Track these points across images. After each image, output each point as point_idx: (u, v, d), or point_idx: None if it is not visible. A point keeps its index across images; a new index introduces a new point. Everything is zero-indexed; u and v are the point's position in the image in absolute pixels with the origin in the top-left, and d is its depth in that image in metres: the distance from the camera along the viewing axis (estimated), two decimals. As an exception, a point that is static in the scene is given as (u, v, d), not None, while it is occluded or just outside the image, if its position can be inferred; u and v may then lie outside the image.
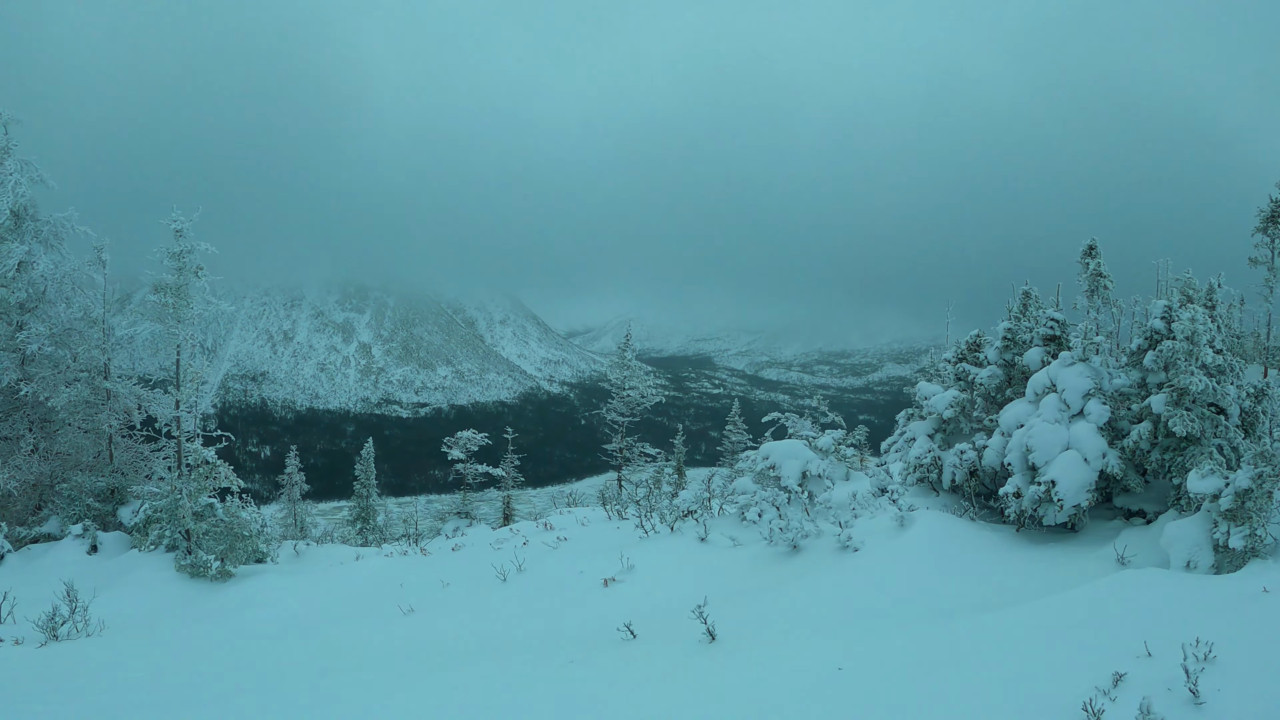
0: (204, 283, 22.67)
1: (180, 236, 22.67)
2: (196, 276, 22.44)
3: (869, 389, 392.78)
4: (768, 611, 11.57)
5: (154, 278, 22.47)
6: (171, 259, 22.52)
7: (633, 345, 37.32)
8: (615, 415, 36.93)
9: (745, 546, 16.12)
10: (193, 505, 17.94)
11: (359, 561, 19.68)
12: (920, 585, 12.23)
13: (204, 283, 22.67)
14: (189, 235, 22.83)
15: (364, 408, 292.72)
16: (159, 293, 22.34)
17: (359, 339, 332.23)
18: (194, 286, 22.71)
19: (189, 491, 17.82)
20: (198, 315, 22.49)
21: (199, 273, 22.50)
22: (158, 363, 25.75)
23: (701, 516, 18.63)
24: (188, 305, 22.23)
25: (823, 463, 19.07)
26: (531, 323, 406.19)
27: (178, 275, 22.49)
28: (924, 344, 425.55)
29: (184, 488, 17.72)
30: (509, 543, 18.74)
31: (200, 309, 22.68)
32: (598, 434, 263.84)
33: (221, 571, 17.62)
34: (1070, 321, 18.82)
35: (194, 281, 22.48)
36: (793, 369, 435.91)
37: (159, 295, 22.25)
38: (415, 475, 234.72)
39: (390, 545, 26.61)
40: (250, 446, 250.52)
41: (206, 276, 22.67)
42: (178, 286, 22.50)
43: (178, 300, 22.23)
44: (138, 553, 19.09)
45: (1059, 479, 15.27)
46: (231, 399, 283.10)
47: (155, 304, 22.17)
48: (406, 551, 19.83)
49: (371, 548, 24.34)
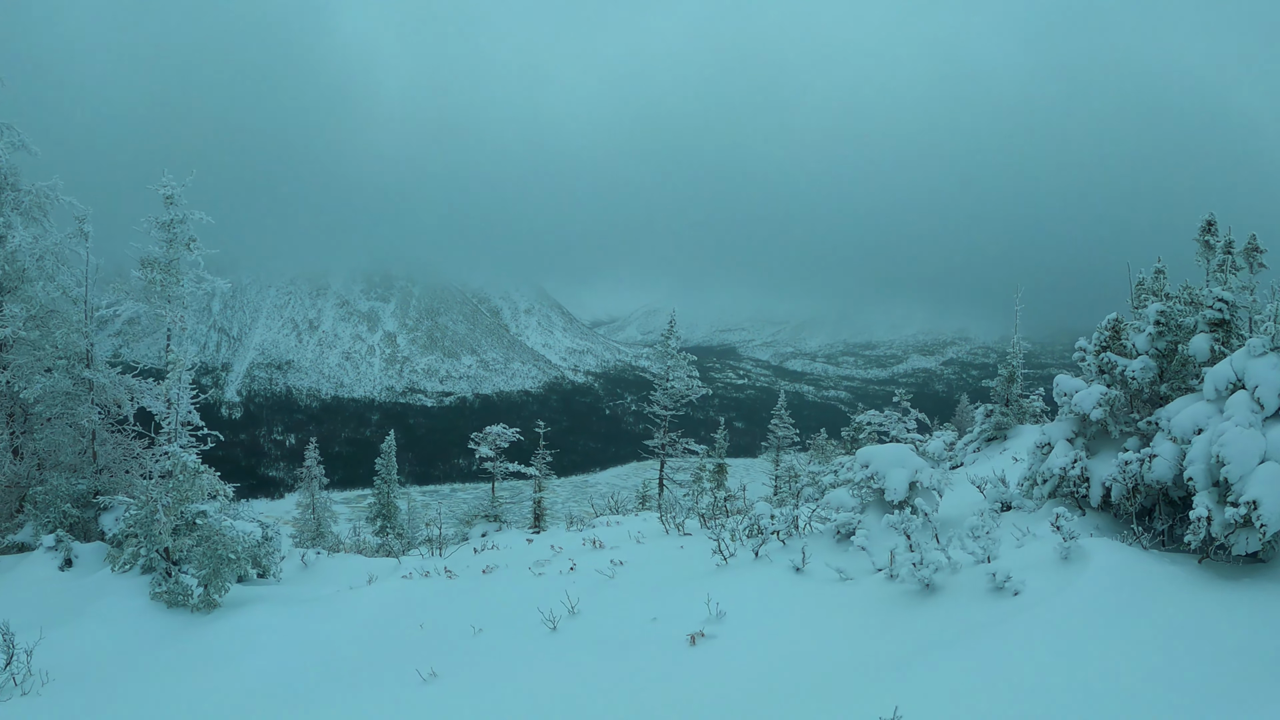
0: (197, 256, 19.61)
1: (171, 204, 19.61)
2: (189, 249, 19.39)
3: (894, 381, 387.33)
4: (938, 700, 8.27)
5: (141, 251, 19.44)
6: (160, 229, 19.49)
7: (676, 334, 33.98)
8: (658, 409, 33.69)
9: (856, 581, 12.79)
10: (171, 519, 14.86)
11: (372, 585, 16.54)
12: (1134, 655, 8.90)
13: (197, 256, 19.61)
14: (181, 202, 19.77)
15: (389, 396, 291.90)
16: (145, 268, 19.31)
17: (384, 328, 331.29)
18: (186, 261, 19.67)
19: (165, 504, 14.74)
20: (189, 294, 19.43)
21: (191, 245, 19.43)
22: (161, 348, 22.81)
23: (786, 534, 15.34)
24: (178, 282, 19.20)
25: (934, 472, 15.70)
26: (556, 312, 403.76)
27: (167, 248, 19.46)
28: (949, 336, 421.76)
29: (159, 499, 14.65)
30: (551, 565, 15.53)
31: (192, 287, 19.61)
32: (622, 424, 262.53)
33: (205, 600, 14.54)
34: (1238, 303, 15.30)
35: (185, 255, 19.43)
36: (817, 360, 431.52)
37: (145, 271, 19.22)
38: (440, 464, 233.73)
39: (411, 556, 23.52)
40: (275, 434, 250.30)
41: (200, 249, 19.59)
42: (167, 261, 19.47)
43: (166, 277, 19.20)
44: (110, 573, 16.08)
45: (1261, 499, 11.84)
46: (256, 387, 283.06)
47: (141, 281, 19.13)
48: (428, 572, 16.68)
49: (389, 560, 21.21)
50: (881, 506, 15.82)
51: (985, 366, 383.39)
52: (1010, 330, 33.78)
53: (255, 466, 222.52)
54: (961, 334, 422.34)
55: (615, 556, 15.41)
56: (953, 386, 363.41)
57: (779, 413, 44.12)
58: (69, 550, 18.54)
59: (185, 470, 14.69)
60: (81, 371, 20.32)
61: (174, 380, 16.16)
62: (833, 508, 15.56)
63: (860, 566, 13.57)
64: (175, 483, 14.76)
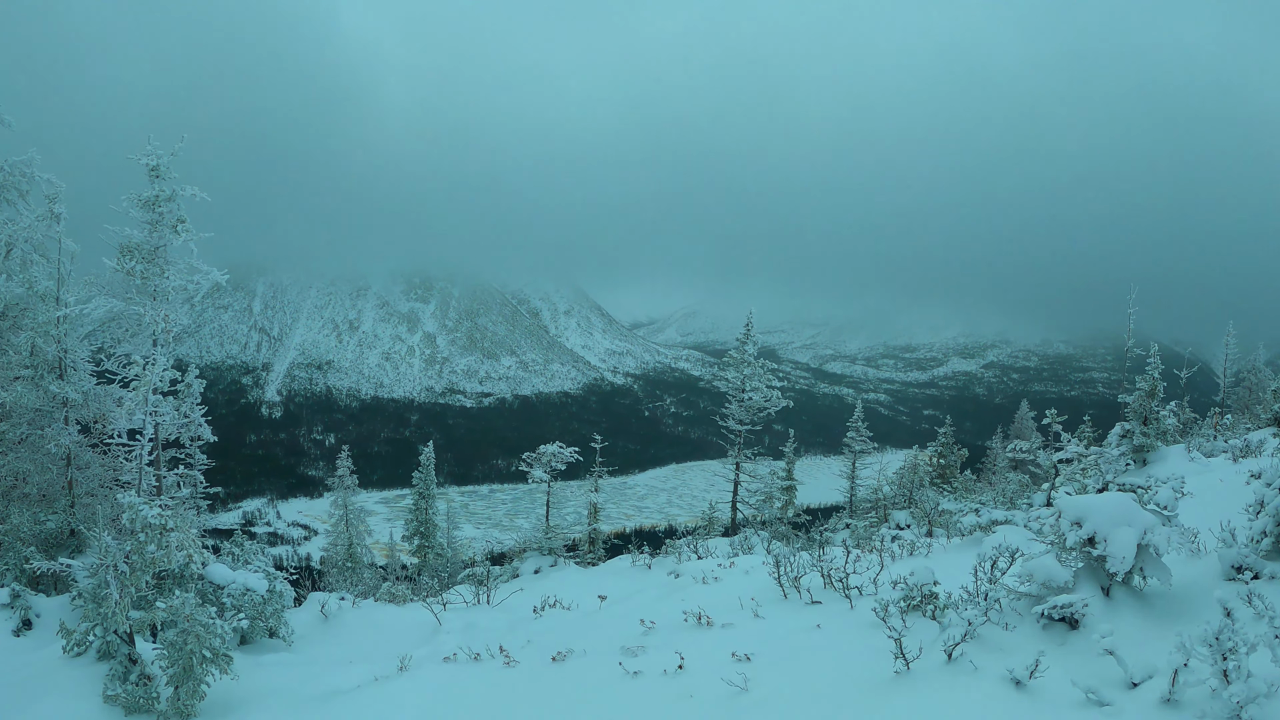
0: (188, 241, 15.71)
1: (157, 177, 15.75)
2: (176, 233, 15.49)
3: (934, 384, 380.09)
4: None
5: (119, 235, 15.61)
6: (142, 209, 15.64)
7: (753, 337, 29.67)
8: (733, 423, 29.40)
9: (1116, 710, 8.49)
10: (129, 596, 10.90)
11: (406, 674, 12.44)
12: None
13: (188, 241, 15.71)
14: (170, 175, 15.91)
15: (428, 397, 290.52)
16: (124, 256, 15.44)
17: (424, 329, 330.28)
18: (173, 248, 15.80)
19: (121, 572, 10.78)
20: (177, 288, 15.55)
21: (180, 227, 15.53)
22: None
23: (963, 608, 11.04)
24: (162, 274, 15.30)
25: (1166, 530, 11.33)
26: (596, 314, 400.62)
27: (151, 231, 15.59)
28: (989, 339, 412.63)
29: (110, 565, 10.72)
30: (648, 656, 11.34)
31: (181, 279, 15.71)
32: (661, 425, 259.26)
33: (175, 709, 10.55)
34: None
35: (173, 240, 15.54)
36: (857, 362, 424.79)
37: (123, 260, 15.36)
38: (479, 465, 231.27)
39: (453, 601, 19.46)
40: (315, 434, 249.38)
41: (192, 233, 15.70)
42: (151, 248, 15.59)
43: (149, 267, 15.32)
44: (61, 656, 12.21)
45: None
46: (297, 386, 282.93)
47: (119, 272, 15.29)
48: (478, 655, 12.57)
49: (426, 617, 17.10)
50: (1097, 577, 11.49)
51: (1026, 370, 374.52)
52: (1053, 333, 29.44)
53: (295, 466, 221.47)
54: (1002, 337, 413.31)
55: (735, 645, 11.19)
56: (993, 390, 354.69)
57: (856, 424, 39.63)
58: (26, 609, 14.76)
59: (148, 528, 10.74)
60: (50, 384, 16.51)
61: (138, 400, 12.26)
62: (1039, 580, 11.18)
63: (1107, 677, 9.26)
64: (135, 544, 10.81)
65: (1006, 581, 11.93)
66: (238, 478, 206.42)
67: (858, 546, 24.86)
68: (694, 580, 15.67)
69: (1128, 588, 11.74)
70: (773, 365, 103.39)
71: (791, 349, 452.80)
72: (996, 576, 11.67)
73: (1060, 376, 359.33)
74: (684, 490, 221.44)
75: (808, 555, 15.17)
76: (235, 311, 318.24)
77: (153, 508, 10.79)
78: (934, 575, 12.17)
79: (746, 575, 15.60)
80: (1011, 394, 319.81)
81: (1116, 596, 11.56)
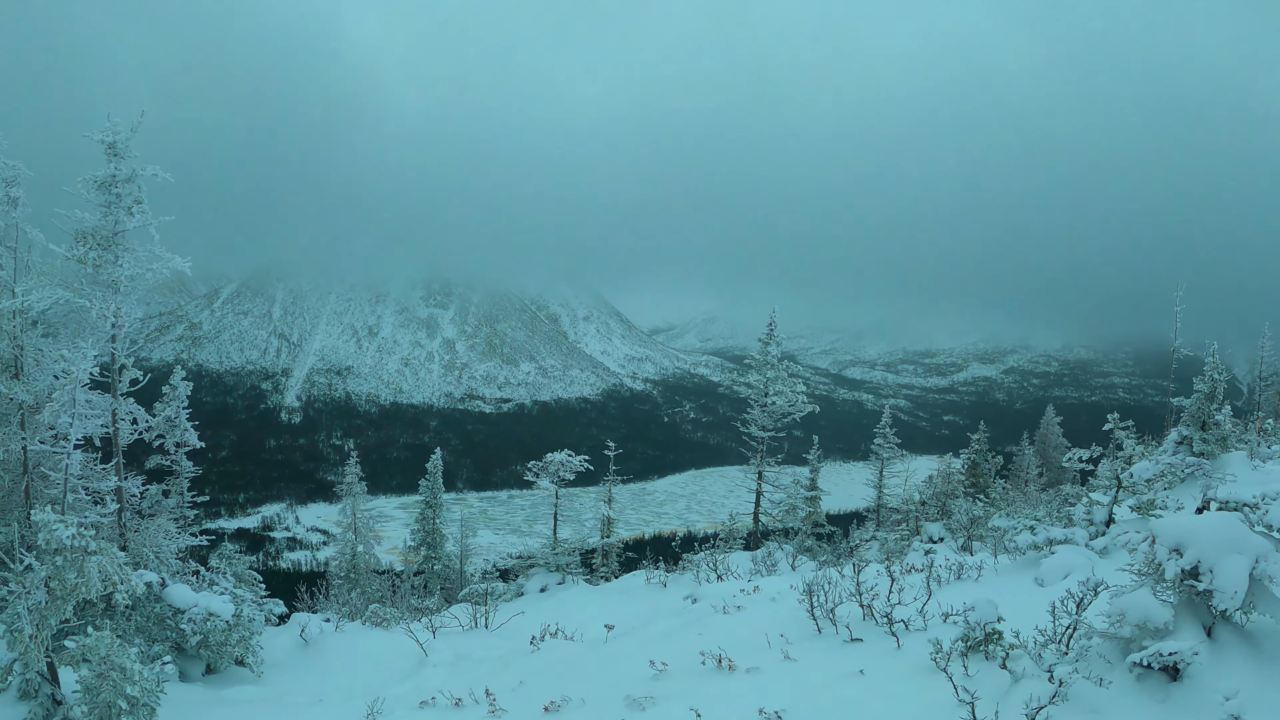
0: (147, 225, 14.07)
1: (115, 155, 14.13)
2: (130, 215, 13.84)
3: (954, 389, 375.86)
4: None
5: (72, 220, 13.99)
6: (98, 190, 14.04)
7: (776, 338, 27.76)
8: (755, 429, 27.49)
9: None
10: (46, 633, 9.20)
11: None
12: None
13: (147, 225, 14.07)
14: (129, 154, 14.27)
15: (447, 403, 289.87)
16: (78, 244, 13.82)
17: (443, 334, 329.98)
18: (131, 234, 14.17)
19: (33, 605, 9.08)
20: (131, 277, 13.90)
21: (135, 210, 13.89)
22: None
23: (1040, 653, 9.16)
24: (116, 262, 13.66)
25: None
26: (615, 319, 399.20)
27: (105, 214, 13.96)
28: (1009, 344, 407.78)
29: (21, 597, 9.02)
30: (659, 709, 9.51)
31: (135, 268, 14.06)
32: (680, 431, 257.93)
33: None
34: None
35: (128, 224, 13.90)
36: (877, 368, 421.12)
37: (75, 247, 13.74)
38: (498, 470, 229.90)
39: (448, 624, 17.70)
40: (334, 439, 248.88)
41: (150, 216, 14.06)
42: (108, 234, 13.97)
43: (103, 254, 13.69)
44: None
45: None
46: (316, 392, 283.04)
47: (69, 261, 13.67)
48: (460, 701, 10.79)
49: (411, 647, 15.33)
50: (1198, 614, 9.57)
51: (1047, 375, 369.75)
52: (1073, 338, 27.22)
53: (314, 471, 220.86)
54: (1022, 342, 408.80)
55: (762, 697, 9.34)
56: (1013, 395, 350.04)
57: (884, 431, 37.64)
58: (-38, 638, 13.13)
59: (68, 554, 9.04)
60: (1, 385, 14.87)
61: (63, 400, 10.57)
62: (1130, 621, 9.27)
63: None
64: (52, 569, 9.11)
65: (1089, 620, 10.02)
66: (257, 482, 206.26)
67: (887, 561, 22.93)
68: (713, 609, 13.77)
69: (1230, 625, 9.82)
70: (793, 370, 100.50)
71: (811, 354, 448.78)
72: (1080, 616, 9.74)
73: (1081, 382, 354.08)
74: (703, 496, 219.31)
75: (841, 577, 13.26)
76: (255, 317, 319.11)
77: (69, 527, 9.10)
78: (997, 609, 10.29)
79: (773, 603, 13.71)
80: (1032, 399, 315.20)
81: (1220, 637, 9.63)
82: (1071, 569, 14.31)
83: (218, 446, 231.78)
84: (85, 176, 14.13)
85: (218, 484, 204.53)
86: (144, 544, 14.68)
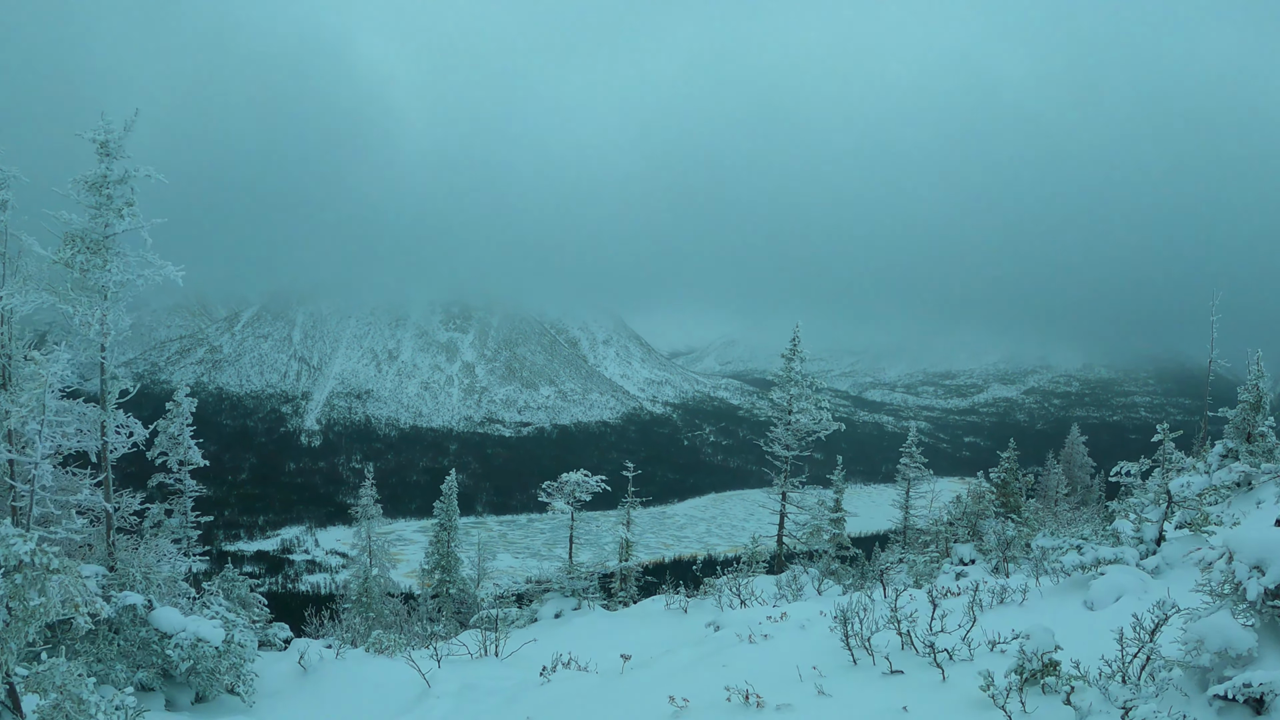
0: (138, 228, 13.40)
1: (107, 155, 13.49)
2: (121, 217, 13.17)
3: (974, 410, 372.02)
4: None
5: (60, 222, 13.32)
6: (88, 191, 13.40)
7: (800, 353, 26.80)
8: (778, 448, 26.48)
9: None
10: (8, 651, 8.37)
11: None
12: None
13: (138, 228, 13.40)
14: (123, 154, 13.64)
15: (467, 426, 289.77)
16: (65, 246, 13.16)
17: (462, 358, 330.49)
18: (122, 238, 13.49)
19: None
20: (119, 282, 13.20)
21: (125, 212, 13.22)
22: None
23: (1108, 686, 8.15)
24: (104, 267, 12.98)
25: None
26: (634, 343, 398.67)
27: (95, 216, 13.30)
28: (1029, 364, 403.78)
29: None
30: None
31: (129, 274, 13.37)
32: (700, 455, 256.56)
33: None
34: None
35: (118, 226, 13.23)
36: (896, 390, 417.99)
37: (63, 251, 13.07)
38: (517, 494, 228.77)
39: (456, 653, 16.77)
40: (354, 462, 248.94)
41: (141, 219, 13.38)
42: (98, 238, 13.30)
43: (91, 258, 13.01)
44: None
45: None
46: (336, 415, 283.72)
47: (56, 264, 12.99)
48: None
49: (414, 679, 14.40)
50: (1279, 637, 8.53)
51: (1068, 395, 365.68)
52: (1094, 358, 26.28)
53: (334, 494, 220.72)
54: (1042, 362, 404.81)
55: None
56: (1034, 416, 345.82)
57: (910, 450, 36.52)
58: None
59: (28, 572, 8.24)
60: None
61: (30, 406, 9.81)
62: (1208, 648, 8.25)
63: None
64: (12, 590, 8.31)
65: (1159, 647, 8.98)
66: (277, 505, 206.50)
67: (919, 584, 21.80)
68: (738, 637, 12.75)
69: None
70: (817, 386, 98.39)
71: (831, 377, 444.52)
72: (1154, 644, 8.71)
73: (1102, 401, 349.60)
74: (723, 520, 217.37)
75: (872, 602, 12.26)
76: (275, 340, 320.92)
77: (28, 542, 8.31)
78: (1054, 637, 9.28)
79: (803, 631, 12.69)
80: (1053, 420, 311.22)
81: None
82: (1123, 591, 13.25)
83: (238, 469, 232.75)
84: (76, 177, 13.50)
85: (237, 506, 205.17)
86: (133, 564, 13.91)
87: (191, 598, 15.14)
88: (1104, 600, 13.23)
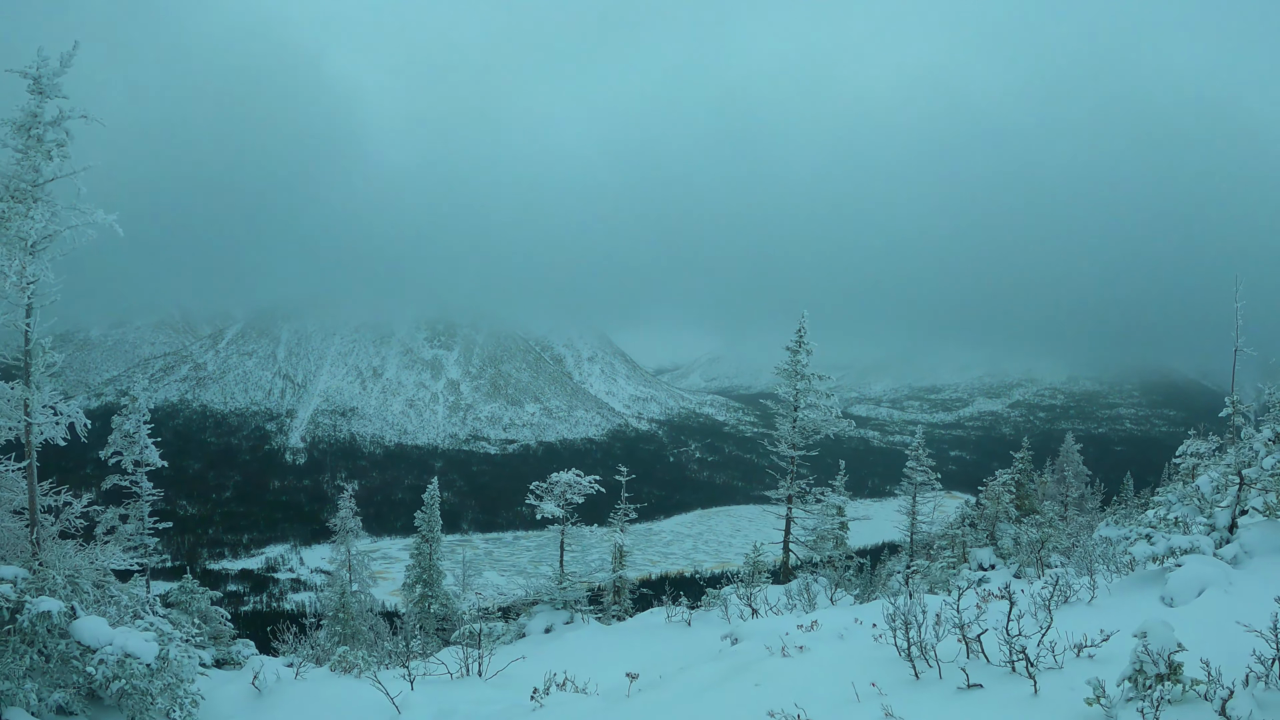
0: (65, 171, 11.55)
1: (39, 93, 11.68)
2: (50, 159, 11.34)
3: (960, 424, 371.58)
4: None
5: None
6: (16, 132, 11.53)
7: (807, 346, 25.09)
8: (784, 448, 24.70)
9: None
10: None
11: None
12: None
13: (65, 171, 11.55)
14: (57, 94, 11.82)
15: (452, 444, 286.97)
16: (-18, 195, 11.29)
17: (447, 375, 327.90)
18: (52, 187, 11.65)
19: None
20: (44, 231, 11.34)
21: (56, 154, 11.39)
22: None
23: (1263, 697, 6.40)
24: (27, 214, 11.13)
25: None
26: (620, 360, 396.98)
27: (23, 159, 11.46)
28: (1014, 378, 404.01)
29: None
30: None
31: (56, 225, 11.51)
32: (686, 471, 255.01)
33: None
34: None
35: (45, 170, 11.39)
36: (882, 405, 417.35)
37: (-22, 198, 11.21)
38: (503, 511, 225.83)
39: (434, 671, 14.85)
40: (339, 480, 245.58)
41: (71, 162, 11.55)
42: (31, 183, 11.46)
43: (13, 206, 11.16)
44: None
45: None
46: (320, 433, 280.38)
47: (-31, 214, 11.13)
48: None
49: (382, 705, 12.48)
50: None
51: (1053, 408, 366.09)
52: (1079, 370, 25.02)
53: (318, 512, 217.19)
54: (1027, 375, 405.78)
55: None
56: (1020, 429, 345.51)
57: (917, 454, 34.83)
58: None
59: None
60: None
61: None
62: None
63: None
64: None
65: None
66: (261, 523, 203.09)
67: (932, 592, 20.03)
68: (765, 650, 10.81)
69: None
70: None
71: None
72: None
73: (1088, 414, 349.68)
74: (709, 536, 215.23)
75: (939, 604, 10.46)
76: (260, 358, 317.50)
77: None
78: (1174, 633, 7.53)
79: (842, 641, 10.85)
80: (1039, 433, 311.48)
81: None
82: (1206, 583, 11.54)
83: (222, 487, 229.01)
84: (2, 118, 11.69)
85: (222, 524, 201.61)
86: (56, 566, 11.98)
87: (123, 606, 13.18)
88: (1185, 595, 11.52)
